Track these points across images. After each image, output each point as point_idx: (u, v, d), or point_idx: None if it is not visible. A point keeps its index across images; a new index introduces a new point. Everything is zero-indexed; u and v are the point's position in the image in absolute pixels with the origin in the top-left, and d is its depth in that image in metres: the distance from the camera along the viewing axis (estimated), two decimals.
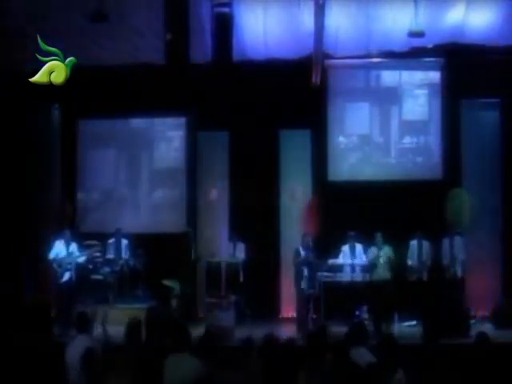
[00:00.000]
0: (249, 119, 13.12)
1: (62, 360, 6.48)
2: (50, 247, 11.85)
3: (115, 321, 9.46)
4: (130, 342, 6.40)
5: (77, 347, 6.36)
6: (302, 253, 11.39)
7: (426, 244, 12.20)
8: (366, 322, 10.47)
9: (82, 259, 11.94)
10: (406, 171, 13.36)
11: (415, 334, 9.73)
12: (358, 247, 12.09)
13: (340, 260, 12.11)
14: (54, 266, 11.84)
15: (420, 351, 6.62)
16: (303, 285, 11.28)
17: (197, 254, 12.76)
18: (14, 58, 11.63)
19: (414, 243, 12.23)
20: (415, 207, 12.48)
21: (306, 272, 11.31)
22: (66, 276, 11.79)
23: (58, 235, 12.23)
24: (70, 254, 11.78)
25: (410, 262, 12.19)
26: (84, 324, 6.81)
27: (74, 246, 11.86)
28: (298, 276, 11.39)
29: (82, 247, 12.03)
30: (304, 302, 11.34)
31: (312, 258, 11.38)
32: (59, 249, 11.83)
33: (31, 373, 6.33)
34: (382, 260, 11.75)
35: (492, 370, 6.12)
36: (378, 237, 11.66)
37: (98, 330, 8.14)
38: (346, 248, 12.14)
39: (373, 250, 11.71)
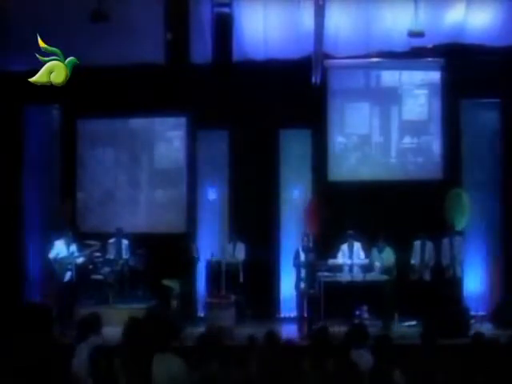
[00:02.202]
0: (249, 119, 13.12)
1: (63, 360, 6.48)
2: (50, 247, 11.89)
3: (115, 321, 9.45)
4: (128, 341, 6.39)
5: (87, 350, 6.34)
6: (302, 254, 11.40)
7: (429, 245, 12.22)
8: (367, 323, 10.51)
9: (80, 260, 11.96)
10: (406, 171, 13.36)
11: (415, 334, 9.72)
12: (356, 246, 12.11)
13: (339, 259, 12.13)
14: (55, 265, 11.88)
15: (419, 351, 6.62)
16: (303, 286, 11.29)
17: (197, 254, 12.75)
18: (13, 58, 11.64)
19: (417, 243, 12.27)
20: (415, 207, 12.48)
21: (304, 273, 11.32)
22: (67, 276, 11.82)
23: (58, 235, 12.26)
24: (70, 254, 11.81)
25: (412, 262, 12.23)
26: (93, 325, 6.80)
27: (74, 247, 11.89)
28: (299, 277, 11.40)
29: (82, 247, 12.05)
30: (304, 302, 11.34)
31: (312, 259, 11.39)
32: (60, 249, 11.86)
33: (31, 373, 6.32)
34: (380, 262, 11.84)
35: (489, 370, 6.12)
36: (380, 239, 11.81)
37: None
38: (344, 247, 12.17)
39: (373, 252, 11.89)
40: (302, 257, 11.41)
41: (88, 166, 13.93)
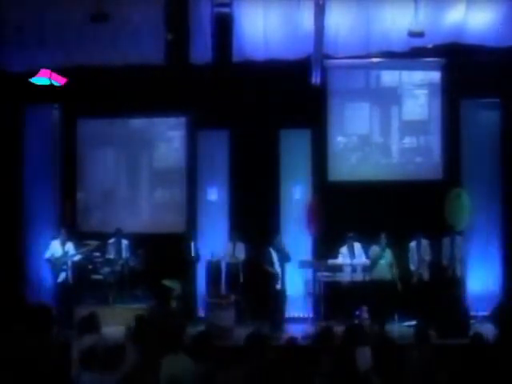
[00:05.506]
0: (249, 119, 13.12)
1: (62, 360, 6.48)
2: (46, 247, 11.91)
3: (115, 321, 9.47)
4: (133, 340, 6.40)
5: (85, 347, 6.35)
6: (274, 255, 11.53)
7: (424, 243, 12.19)
8: (367, 322, 10.52)
9: (77, 258, 11.97)
10: (406, 171, 13.36)
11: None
12: (357, 246, 12.10)
13: (340, 260, 12.11)
14: (49, 266, 11.89)
15: (418, 351, 6.62)
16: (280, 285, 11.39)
17: (197, 254, 12.74)
18: (13, 58, 11.65)
19: (413, 245, 12.23)
20: (415, 207, 12.48)
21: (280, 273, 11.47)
22: (62, 276, 11.82)
23: (54, 235, 12.26)
24: (65, 254, 11.81)
25: (411, 266, 12.16)
26: (92, 324, 6.81)
27: (69, 246, 11.90)
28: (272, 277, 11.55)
29: (78, 246, 12.06)
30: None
31: (284, 258, 11.55)
32: (55, 249, 11.88)
33: (31, 373, 6.32)
34: (384, 260, 11.78)
35: (489, 370, 6.12)
36: (383, 237, 11.77)
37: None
38: (344, 250, 12.15)
39: (375, 249, 11.79)
40: (274, 257, 11.53)
41: (88, 165, 13.93)
